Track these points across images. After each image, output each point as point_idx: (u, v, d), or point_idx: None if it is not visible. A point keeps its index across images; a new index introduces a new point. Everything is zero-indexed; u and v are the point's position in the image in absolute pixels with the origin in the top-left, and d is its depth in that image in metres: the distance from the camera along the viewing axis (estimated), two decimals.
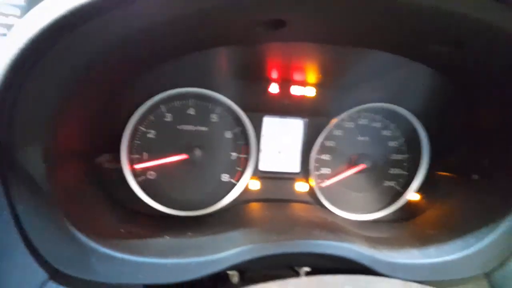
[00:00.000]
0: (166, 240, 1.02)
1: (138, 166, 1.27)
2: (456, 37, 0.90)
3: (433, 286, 0.76)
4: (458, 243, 1.06)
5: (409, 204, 1.42)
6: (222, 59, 1.14)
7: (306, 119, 1.38)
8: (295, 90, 1.30)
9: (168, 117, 1.27)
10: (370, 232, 1.22)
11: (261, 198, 1.39)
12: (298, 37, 1.03)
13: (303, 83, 1.30)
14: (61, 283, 0.86)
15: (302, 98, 1.32)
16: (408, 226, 1.34)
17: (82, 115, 0.99)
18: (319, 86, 1.31)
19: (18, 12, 1.15)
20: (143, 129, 1.26)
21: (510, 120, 1.09)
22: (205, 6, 0.70)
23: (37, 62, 0.67)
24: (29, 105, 0.72)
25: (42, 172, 0.77)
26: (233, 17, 0.82)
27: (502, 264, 1.03)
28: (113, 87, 1.07)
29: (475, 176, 1.18)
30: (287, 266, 1.15)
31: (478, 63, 1.03)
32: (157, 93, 1.21)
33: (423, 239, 1.12)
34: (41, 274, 0.84)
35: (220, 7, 0.72)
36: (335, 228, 1.10)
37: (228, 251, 0.91)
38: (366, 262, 0.96)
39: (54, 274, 0.85)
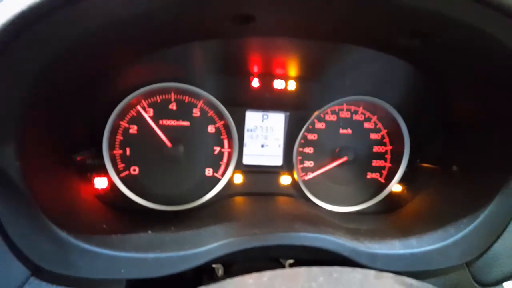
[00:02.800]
0: (148, 235, 1.02)
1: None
2: (421, 31, 0.91)
3: (415, 276, 0.77)
4: (438, 233, 1.07)
5: (392, 196, 1.43)
6: (201, 53, 1.13)
7: (288, 113, 1.38)
8: (276, 84, 1.31)
9: (150, 112, 1.27)
10: (353, 224, 1.23)
11: (245, 192, 1.39)
12: (271, 32, 1.03)
13: (284, 77, 1.31)
14: (44, 280, 0.86)
15: (284, 91, 1.32)
16: (390, 217, 1.35)
17: (58, 111, 0.98)
18: (300, 79, 1.32)
19: None
20: (125, 124, 1.25)
21: (484, 113, 1.11)
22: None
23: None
24: None
25: (17, 169, 0.76)
26: (197, 11, 0.81)
27: (482, 253, 1.04)
28: (90, 82, 1.06)
29: (455, 168, 1.20)
30: (272, 258, 1.16)
31: (446, 57, 1.04)
32: (138, 88, 1.21)
33: (405, 230, 1.13)
34: (23, 271, 0.84)
35: (183, 3, 0.72)
36: (317, 221, 1.11)
37: (209, 245, 0.91)
38: (346, 253, 0.96)
39: (37, 270, 0.86)
